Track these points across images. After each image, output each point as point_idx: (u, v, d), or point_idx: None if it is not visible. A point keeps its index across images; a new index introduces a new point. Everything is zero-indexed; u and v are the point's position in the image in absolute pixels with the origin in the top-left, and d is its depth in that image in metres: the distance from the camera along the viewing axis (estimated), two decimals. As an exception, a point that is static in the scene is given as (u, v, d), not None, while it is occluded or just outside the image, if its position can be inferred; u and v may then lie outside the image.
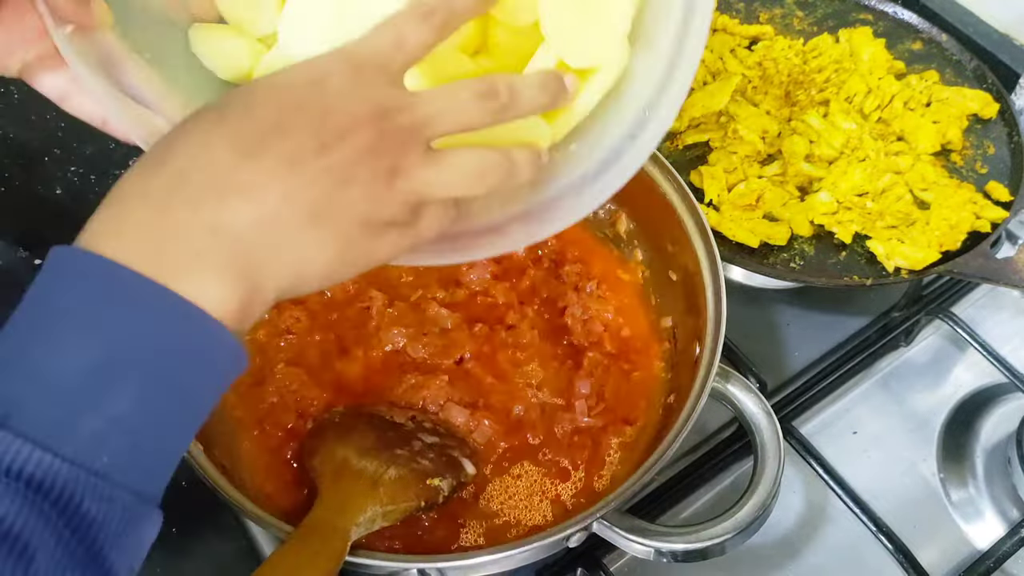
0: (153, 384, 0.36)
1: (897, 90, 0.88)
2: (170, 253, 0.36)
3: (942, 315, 0.82)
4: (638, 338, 0.74)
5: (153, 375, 0.35)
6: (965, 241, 0.79)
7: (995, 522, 0.73)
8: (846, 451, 0.76)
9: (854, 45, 0.93)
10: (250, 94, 0.41)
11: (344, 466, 0.58)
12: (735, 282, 0.83)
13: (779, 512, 0.59)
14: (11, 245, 0.83)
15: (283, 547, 0.52)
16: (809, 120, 0.86)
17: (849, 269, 0.79)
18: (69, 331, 0.35)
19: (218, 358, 0.37)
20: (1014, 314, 0.86)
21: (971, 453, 0.76)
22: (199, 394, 0.38)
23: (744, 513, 0.57)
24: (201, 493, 0.57)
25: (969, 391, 0.81)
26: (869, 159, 0.83)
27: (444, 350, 0.71)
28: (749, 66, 0.91)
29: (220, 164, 0.38)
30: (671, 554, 0.57)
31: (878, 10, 0.99)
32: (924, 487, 0.75)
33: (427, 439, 0.63)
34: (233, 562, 0.68)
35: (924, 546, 0.69)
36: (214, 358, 0.37)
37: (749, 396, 0.62)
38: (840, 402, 0.80)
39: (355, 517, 0.55)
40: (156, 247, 0.36)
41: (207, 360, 0.37)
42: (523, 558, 0.56)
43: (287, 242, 0.38)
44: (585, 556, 0.67)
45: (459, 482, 0.62)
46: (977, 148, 0.87)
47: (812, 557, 0.72)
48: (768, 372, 0.76)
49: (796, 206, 0.81)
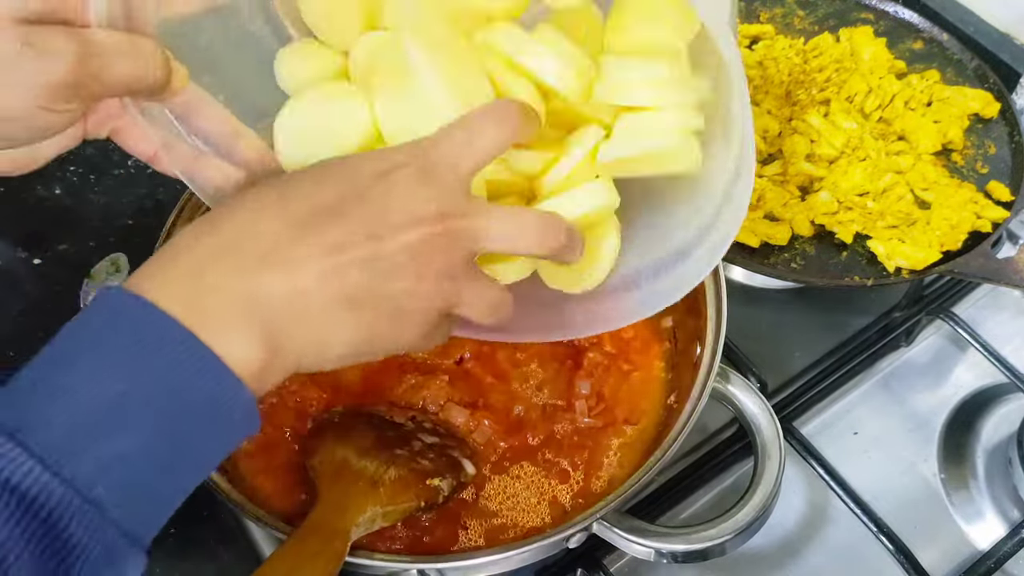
0: (163, 426, 0.36)
1: (898, 89, 0.88)
2: (205, 306, 0.37)
3: (943, 315, 0.81)
4: (638, 338, 0.73)
5: (165, 417, 0.36)
6: (966, 241, 0.78)
7: (996, 522, 0.73)
8: (847, 451, 0.76)
9: (855, 44, 0.93)
10: (316, 175, 0.42)
11: (344, 466, 0.58)
12: (735, 282, 0.83)
13: (779, 513, 0.59)
14: (11, 245, 0.83)
15: (283, 548, 0.52)
16: (810, 119, 0.85)
17: (850, 269, 0.79)
18: (95, 361, 0.36)
19: (231, 413, 0.38)
20: (1015, 314, 0.85)
21: (972, 453, 0.76)
22: (205, 445, 0.38)
23: (744, 514, 0.57)
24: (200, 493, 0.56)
25: (970, 391, 0.80)
26: (870, 159, 0.83)
27: (444, 350, 0.71)
28: (750, 65, 0.91)
29: (268, 236, 0.40)
30: (671, 555, 0.57)
31: (879, 9, 0.99)
32: (925, 487, 0.75)
33: (427, 439, 0.63)
34: (233, 563, 0.68)
35: (925, 547, 0.69)
36: (227, 412, 0.38)
37: (749, 396, 0.62)
38: (841, 402, 0.80)
39: (355, 517, 0.55)
40: (193, 299, 0.37)
41: (220, 412, 0.38)
42: (523, 559, 0.56)
43: (316, 319, 0.40)
44: (585, 557, 0.67)
45: (459, 482, 0.62)
46: (978, 148, 0.87)
47: (812, 558, 0.72)
48: (769, 372, 0.75)
49: (797, 206, 0.81)
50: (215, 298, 0.38)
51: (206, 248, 0.39)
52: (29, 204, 0.87)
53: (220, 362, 0.37)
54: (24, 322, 0.77)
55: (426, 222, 0.41)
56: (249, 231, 0.40)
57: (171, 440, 0.37)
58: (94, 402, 0.35)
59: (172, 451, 0.37)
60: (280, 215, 0.40)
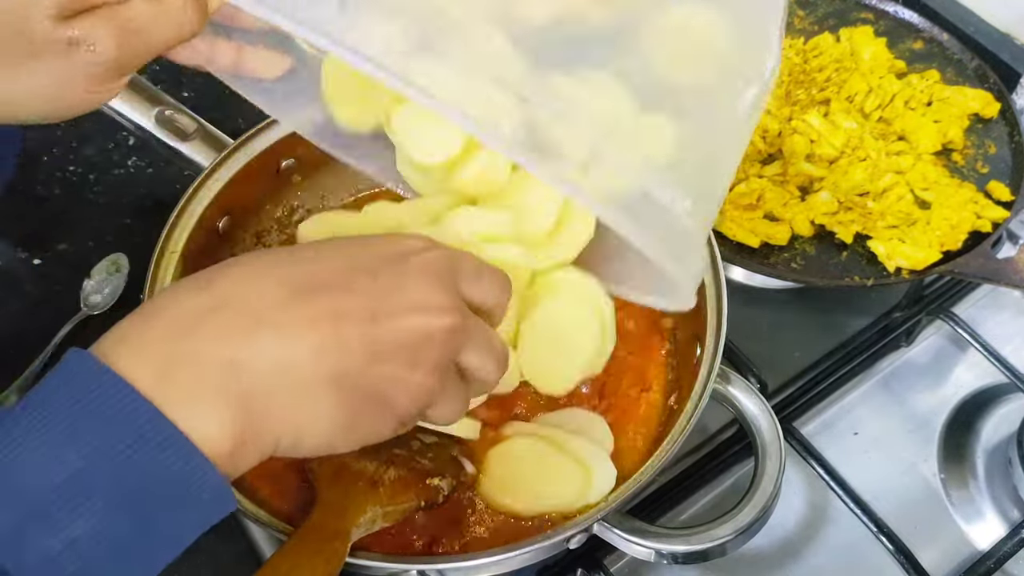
0: (117, 508, 0.33)
1: (898, 89, 0.88)
2: (178, 379, 0.35)
3: (943, 315, 0.81)
4: (639, 335, 0.73)
5: (120, 498, 0.33)
6: (966, 241, 0.79)
7: (996, 522, 0.73)
8: (847, 452, 0.76)
9: (855, 44, 0.93)
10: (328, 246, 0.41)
11: (343, 467, 0.58)
12: (735, 282, 0.83)
13: (780, 513, 0.59)
14: (11, 245, 0.83)
15: (283, 548, 0.52)
16: (810, 119, 0.85)
17: (850, 269, 0.79)
18: (52, 438, 0.33)
19: (199, 493, 0.35)
20: (1015, 314, 0.85)
21: (972, 453, 0.76)
22: (171, 527, 0.35)
23: (745, 514, 0.57)
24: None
25: (970, 391, 0.80)
26: (870, 159, 0.83)
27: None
28: (750, 66, 0.91)
29: (265, 298, 0.37)
30: (672, 555, 0.57)
31: (879, 9, 0.99)
32: (925, 487, 0.75)
33: (426, 439, 0.63)
34: (233, 563, 0.68)
35: (925, 547, 0.69)
36: (196, 492, 0.35)
37: (750, 397, 0.62)
38: (841, 403, 0.80)
39: (355, 518, 0.55)
40: (166, 367, 0.35)
41: (188, 492, 0.35)
42: (523, 559, 0.56)
43: (300, 395, 0.37)
44: (585, 557, 0.67)
45: (459, 482, 0.62)
46: (978, 147, 0.87)
47: (813, 558, 0.72)
48: (769, 373, 0.75)
49: (797, 206, 0.81)
50: (190, 369, 0.35)
51: (192, 307, 0.37)
52: (29, 204, 0.87)
53: (186, 440, 0.34)
54: (24, 322, 0.77)
55: (433, 312, 0.40)
56: (243, 291, 0.37)
57: (124, 523, 0.33)
58: (45, 487, 0.32)
59: (127, 534, 0.34)
60: (283, 278, 0.38)
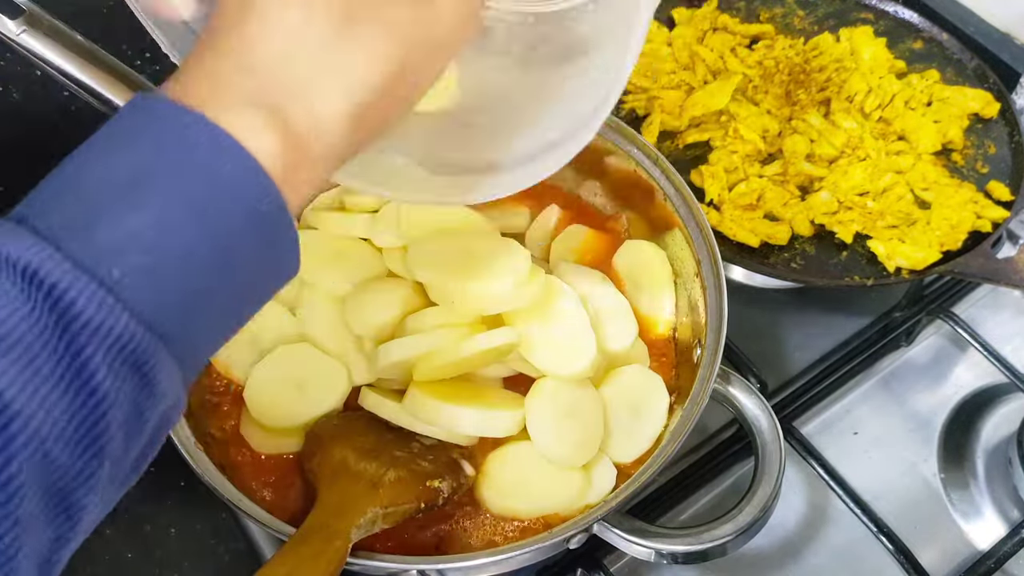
0: (175, 202, 0.34)
1: (898, 89, 0.88)
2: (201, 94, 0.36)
3: (943, 315, 0.81)
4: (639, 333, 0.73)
5: (176, 192, 0.34)
6: (966, 241, 0.79)
7: (996, 522, 0.73)
8: (847, 451, 0.76)
9: (855, 44, 0.93)
10: None
11: (343, 468, 0.58)
12: (735, 282, 0.83)
13: (780, 513, 0.59)
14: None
15: (283, 549, 0.52)
16: (810, 119, 0.85)
17: (850, 269, 0.79)
18: (107, 149, 0.35)
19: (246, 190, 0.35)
20: (1015, 314, 0.85)
21: (972, 453, 0.76)
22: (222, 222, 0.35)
23: (745, 514, 0.57)
24: (201, 494, 0.57)
25: (970, 391, 0.81)
26: (870, 158, 0.83)
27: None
28: (750, 65, 0.91)
29: None
30: (672, 555, 0.57)
31: (879, 9, 0.98)
32: (925, 487, 0.75)
33: (426, 441, 0.63)
34: (233, 564, 0.68)
35: (925, 547, 0.69)
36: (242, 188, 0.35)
37: (750, 397, 0.62)
38: (841, 402, 0.80)
39: (355, 519, 0.55)
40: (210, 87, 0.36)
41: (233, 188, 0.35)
42: (523, 559, 0.56)
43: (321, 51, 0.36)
44: (585, 557, 0.67)
45: (459, 483, 0.62)
46: (978, 147, 0.87)
47: (813, 558, 0.72)
48: (769, 372, 0.75)
49: (797, 206, 0.81)
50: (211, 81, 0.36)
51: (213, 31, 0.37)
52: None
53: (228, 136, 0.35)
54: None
55: None
56: None
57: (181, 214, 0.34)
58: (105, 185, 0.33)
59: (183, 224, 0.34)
60: None
